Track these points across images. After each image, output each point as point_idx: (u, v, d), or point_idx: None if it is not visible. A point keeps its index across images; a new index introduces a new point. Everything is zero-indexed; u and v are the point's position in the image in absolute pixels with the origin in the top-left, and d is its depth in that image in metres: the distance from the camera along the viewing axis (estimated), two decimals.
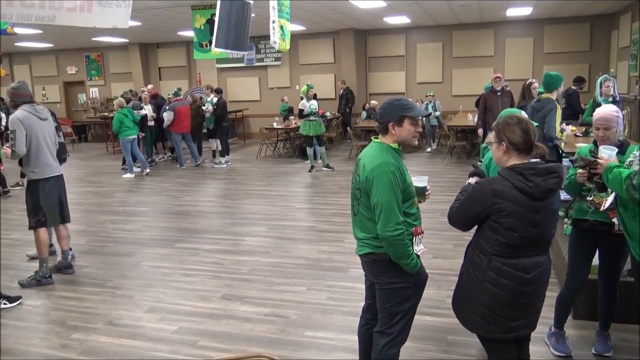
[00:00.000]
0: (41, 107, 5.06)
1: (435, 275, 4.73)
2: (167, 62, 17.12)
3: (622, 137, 3.16)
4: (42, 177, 4.94)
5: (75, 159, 13.51)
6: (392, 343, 2.74)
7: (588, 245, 3.35)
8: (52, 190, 5.01)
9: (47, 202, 4.97)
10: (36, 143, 4.87)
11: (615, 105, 3.43)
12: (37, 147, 4.88)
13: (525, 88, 7.24)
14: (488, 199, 2.41)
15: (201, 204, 8.25)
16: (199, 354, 3.64)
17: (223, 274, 5.14)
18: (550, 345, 3.50)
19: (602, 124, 3.12)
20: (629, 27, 10.73)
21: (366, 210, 2.66)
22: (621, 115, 3.15)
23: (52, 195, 4.99)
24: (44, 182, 4.94)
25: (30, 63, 18.46)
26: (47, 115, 5.08)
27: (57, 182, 5.09)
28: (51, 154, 5.01)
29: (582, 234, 3.34)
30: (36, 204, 4.95)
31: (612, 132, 3.09)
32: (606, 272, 3.37)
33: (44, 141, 4.93)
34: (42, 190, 4.94)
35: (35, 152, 4.88)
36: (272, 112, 15.17)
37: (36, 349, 3.80)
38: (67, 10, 3.82)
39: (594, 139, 3.26)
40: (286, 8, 5.57)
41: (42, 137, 4.92)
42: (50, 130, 5.06)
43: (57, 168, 5.08)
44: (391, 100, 2.69)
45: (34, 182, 4.94)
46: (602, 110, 3.17)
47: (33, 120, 4.86)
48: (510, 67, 13.72)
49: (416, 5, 10.73)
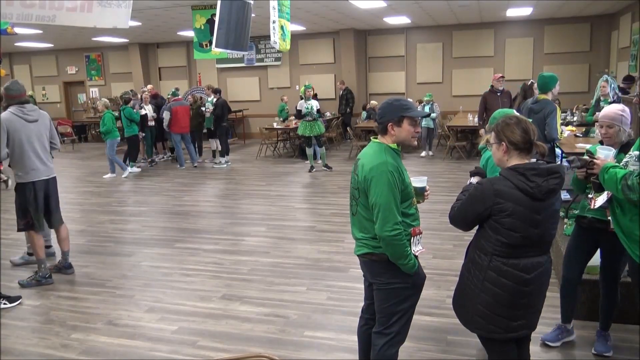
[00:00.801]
0: (32, 108, 4.85)
1: (435, 275, 4.74)
2: (167, 62, 17.12)
3: (628, 137, 3.14)
4: (27, 180, 4.82)
5: (75, 158, 13.52)
6: (390, 343, 2.74)
7: (587, 242, 3.39)
8: (38, 194, 4.87)
9: (32, 206, 4.87)
10: (19, 146, 4.73)
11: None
12: (21, 150, 4.74)
13: (527, 88, 7.24)
14: (489, 198, 2.42)
15: (201, 204, 8.25)
16: (199, 354, 3.64)
17: (223, 274, 5.14)
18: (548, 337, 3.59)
19: (605, 121, 3.13)
20: (629, 28, 10.73)
21: (365, 210, 2.66)
22: (628, 115, 3.13)
23: (36, 200, 4.87)
24: (30, 186, 4.84)
25: (30, 63, 18.47)
26: (37, 116, 4.87)
27: (46, 185, 4.94)
28: (37, 157, 4.83)
29: (582, 230, 3.39)
30: (24, 207, 4.88)
31: (615, 130, 3.09)
32: (605, 271, 3.39)
33: (28, 144, 4.76)
34: (28, 194, 4.84)
35: (19, 155, 4.76)
36: (272, 112, 15.18)
37: (36, 349, 3.81)
38: (68, 10, 3.81)
39: (600, 139, 3.28)
40: (286, 8, 5.57)
41: (27, 141, 4.75)
42: (40, 132, 4.86)
43: (44, 172, 4.90)
44: (390, 101, 2.69)
45: (20, 185, 4.87)
46: (607, 108, 3.19)
47: (17, 123, 4.69)
48: (510, 68, 13.72)
49: (416, 6, 10.73)
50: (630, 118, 3.21)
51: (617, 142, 3.11)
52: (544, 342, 3.55)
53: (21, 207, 4.90)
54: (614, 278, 3.37)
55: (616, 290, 3.40)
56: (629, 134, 3.17)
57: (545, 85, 5.44)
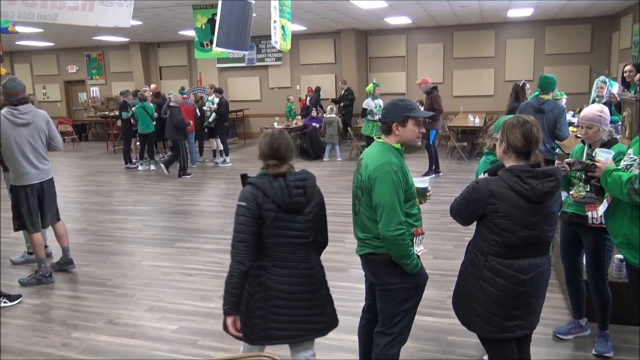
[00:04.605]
0: (26, 110, 4.66)
1: (436, 275, 4.73)
2: (168, 61, 17.12)
3: (608, 136, 3.26)
4: (19, 184, 4.77)
5: (76, 157, 13.51)
6: (392, 343, 2.74)
7: (571, 236, 3.48)
8: (30, 197, 4.80)
9: (24, 208, 4.82)
10: (8, 150, 4.63)
11: (605, 106, 3.50)
12: (10, 154, 4.65)
13: (519, 89, 7.24)
14: (484, 198, 2.44)
15: (201, 204, 8.25)
16: (199, 353, 3.64)
17: (223, 274, 5.07)
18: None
19: (584, 122, 3.25)
20: (630, 29, 10.72)
21: (367, 209, 2.66)
22: (607, 115, 3.24)
23: (28, 202, 4.80)
24: (22, 189, 4.78)
25: (31, 62, 18.46)
26: (31, 119, 4.68)
27: (40, 188, 4.84)
28: (28, 162, 4.69)
29: (564, 225, 3.50)
30: (17, 208, 4.86)
31: (594, 130, 3.20)
32: (590, 269, 3.43)
33: (18, 149, 4.63)
34: (21, 196, 4.80)
35: (9, 159, 4.70)
36: (273, 112, 15.17)
37: (36, 348, 3.80)
38: (69, 9, 3.82)
39: (582, 138, 3.38)
40: (287, 8, 5.57)
41: (16, 145, 4.62)
42: (33, 135, 4.70)
43: (37, 175, 4.78)
44: (395, 101, 2.70)
45: (13, 187, 4.87)
46: (585, 110, 3.30)
47: (6, 127, 4.59)
48: (511, 68, 13.71)
49: (417, 6, 10.73)
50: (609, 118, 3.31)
51: (598, 142, 3.22)
52: (556, 335, 3.63)
53: (15, 207, 4.89)
54: (599, 275, 3.39)
55: (603, 288, 3.41)
56: (609, 133, 3.27)
57: (548, 87, 5.48)
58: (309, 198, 2.57)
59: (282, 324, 2.55)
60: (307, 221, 2.57)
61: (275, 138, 2.59)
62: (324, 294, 2.67)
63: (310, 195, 2.57)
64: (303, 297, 2.57)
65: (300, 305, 2.57)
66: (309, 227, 2.58)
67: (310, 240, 2.61)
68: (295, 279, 2.55)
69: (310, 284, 2.60)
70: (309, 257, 2.61)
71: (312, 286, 2.61)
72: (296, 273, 2.56)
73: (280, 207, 2.48)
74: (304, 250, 2.59)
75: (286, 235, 2.53)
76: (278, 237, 2.52)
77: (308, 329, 2.61)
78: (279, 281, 2.53)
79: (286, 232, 2.53)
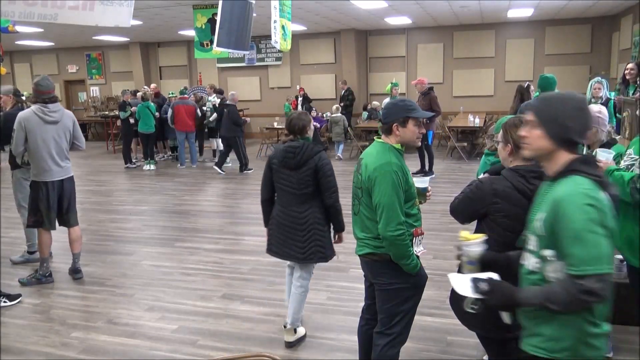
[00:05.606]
0: (55, 109, 4.80)
1: (436, 275, 4.72)
2: (168, 61, 17.12)
3: (607, 136, 3.26)
4: (40, 180, 4.83)
5: (76, 157, 13.46)
6: (392, 343, 2.75)
7: None
8: (50, 193, 4.86)
9: (43, 204, 4.87)
10: (34, 146, 4.73)
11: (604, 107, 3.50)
12: (35, 150, 4.75)
13: (524, 91, 7.25)
14: (487, 197, 2.43)
15: (201, 203, 8.25)
16: (199, 353, 3.64)
17: (223, 274, 5.14)
18: None
19: None
20: (630, 29, 10.73)
21: (367, 209, 2.67)
22: (605, 116, 3.24)
23: (48, 199, 4.86)
24: (43, 185, 4.85)
25: (31, 61, 18.44)
26: (59, 117, 4.82)
27: (60, 186, 4.92)
28: (51, 159, 4.79)
29: None
30: (35, 204, 4.89)
31: (593, 132, 3.19)
32: None
33: (43, 145, 4.73)
34: (40, 192, 4.86)
35: (33, 155, 4.77)
36: (273, 111, 15.16)
37: (36, 348, 3.80)
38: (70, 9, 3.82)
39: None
40: (287, 8, 5.58)
41: (42, 141, 4.73)
42: (59, 133, 4.82)
43: (58, 173, 4.88)
44: (396, 101, 2.70)
45: (33, 183, 4.90)
46: None
47: (35, 123, 4.69)
48: (511, 69, 13.72)
49: (417, 6, 10.73)
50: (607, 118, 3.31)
51: (596, 142, 3.21)
52: None
53: (33, 204, 4.92)
54: None
55: None
56: (608, 133, 3.28)
57: (548, 87, 5.50)
58: (299, 161, 3.41)
59: (273, 244, 3.65)
60: (300, 179, 3.45)
61: (292, 117, 3.55)
62: (309, 235, 3.50)
63: (300, 159, 3.41)
64: (289, 230, 3.51)
65: (286, 234, 3.53)
66: (300, 183, 3.45)
67: (303, 192, 3.47)
68: (286, 216, 3.54)
69: (299, 224, 3.49)
70: (303, 205, 3.49)
71: (301, 225, 3.49)
72: (288, 212, 3.53)
73: (278, 163, 3.50)
74: (298, 199, 3.49)
75: (282, 184, 3.53)
76: (278, 184, 3.57)
77: (288, 253, 3.57)
78: (276, 214, 3.61)
79: (282, 182, 3.53)
